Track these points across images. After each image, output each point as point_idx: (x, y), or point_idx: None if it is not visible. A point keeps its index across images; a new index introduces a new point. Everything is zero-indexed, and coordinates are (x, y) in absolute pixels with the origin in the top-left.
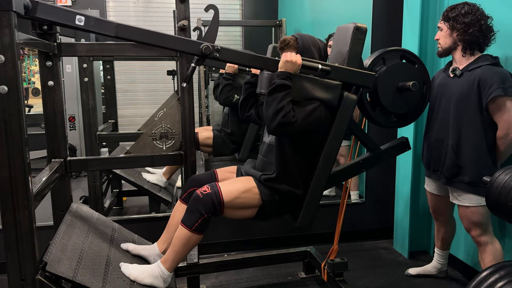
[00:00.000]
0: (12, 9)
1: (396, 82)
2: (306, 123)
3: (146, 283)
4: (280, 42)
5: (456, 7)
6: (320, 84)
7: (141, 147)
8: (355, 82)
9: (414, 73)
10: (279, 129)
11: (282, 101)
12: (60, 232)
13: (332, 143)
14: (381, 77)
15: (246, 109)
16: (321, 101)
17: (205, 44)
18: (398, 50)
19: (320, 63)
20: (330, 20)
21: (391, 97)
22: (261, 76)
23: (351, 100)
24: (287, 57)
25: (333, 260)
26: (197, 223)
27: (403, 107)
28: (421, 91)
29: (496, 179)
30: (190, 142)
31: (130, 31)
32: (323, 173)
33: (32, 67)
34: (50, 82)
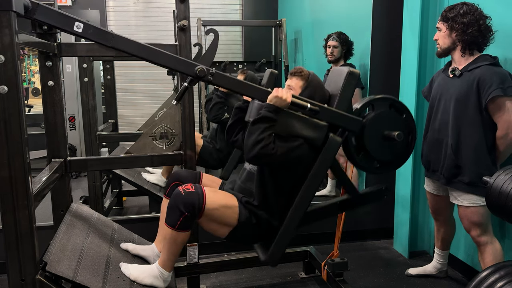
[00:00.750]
0: (12, 9)
1: (382, 130)
2: (286, 159)
3: (146, 283)
4: (294, 68)
5: (454, 7)
6: (307, 123)
7: (141, 147)
8: (342, 125)
9: (400, 122)
10: (256, 159)
11: (264, 133)
12: (60, 232)
13: (311, 181)
14: (368, 123)
15: (234, 134)
16: (306, 139)
17: (200, 67)
18: (387, 99)
19: (310, 102)
20: (330, 20)
21: (376, 144)
22: (252, 104)
23: (336, 142)
24: (278, 92)
25: (333, 260)
26: (179, 222)
27: (387, 154)
28: (405, 141)
29: (496, 179)
30: (190, 142)
31: (127, 44)
32: (299, 209)
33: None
34: (50, 82)
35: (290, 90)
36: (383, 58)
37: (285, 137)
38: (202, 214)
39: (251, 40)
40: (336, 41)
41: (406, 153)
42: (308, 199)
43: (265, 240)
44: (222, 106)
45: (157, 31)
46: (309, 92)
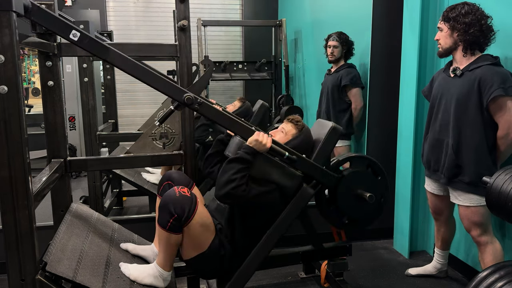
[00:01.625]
0: (12, 9)
1: (356, 188)
2: (256, 202)
3: (146, 283)
4: (294, 116)
5: (456, 7)
6: (282, 170)
7: (141, 147)
8: (317, 178)
9: (375, 184)
10: (226, 197)
11: (238, 174)
12: (60, 232)
13: (277, 227)
14: (343, 179)
15: (211, 165)
16: (279, 185)
17: (188, 94)
18: (365, 158)
19: (289, 150)
20: (330, 20)
21: (347, 201)
22: (233, 139)
23: (308, 193)
24: (259, 136)
25: (333, 260)
26: (169, 224)
27: (356, 212)
28: (377, 203)
29: (496, 179)
30: (190, 142)
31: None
32: (260, 253)
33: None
34: (50, 82)
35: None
36: (383, 58)
37: (259, 181)
38: (188, 223)
39: (251, 40)
40: (336, 41)
41: (375, 214)
42: (271, 244)
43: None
44: (207, 128)
45: (157, 31)
46: (297, 143)
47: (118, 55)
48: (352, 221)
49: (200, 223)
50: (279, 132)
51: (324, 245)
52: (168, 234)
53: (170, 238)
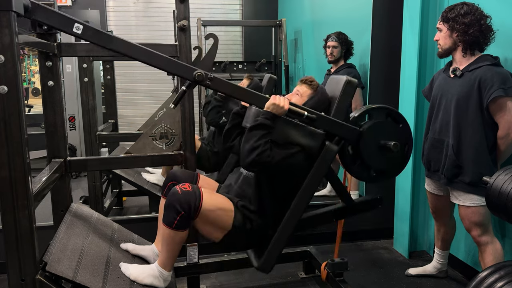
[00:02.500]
0: (12, 9)
1: (378, 139)
2: (282, 166)
3: (146, 283)
4: (306, 76)
5: (455, 7)
6: (303, 131)
7: (141, 147)
8: (339, 134)
9: (397, 132)
10: (252, 165)
11: (260, 140)
12: (60, 232)
13: (306, 189)
14: (364, 132)
15: (230, 139)
16: (302, 147)
17: (198, 71)
18: (384, 108)
19: (307, 110)
20: (330, 20)
21: (372, 153)
22: (249, 110)
23: (332, 150)
24: (275, 99)
25: (333, 260)
26: (176, 221)
27: (383, 164)
28: (402, 151)
29: (496, 179)
30: (190, 142)
31: (127, 47)
32: (293, 218)
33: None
34: (50, 82)
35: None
36: (383, 58)
37: (282, 144)
38: (198, 214)
39: (251, 40)
40: (335, 41)
41: (402, 163)
42: (303, 206)
43: (258, 247)
44: (220, 110)
45: (157, 31)
46: (314, 103)
47: (123, 42)
48: (380, 173)
49: (212, 209)
50: (294, 95)
51: (356, 200)
52: (174, 232)
53: (176, 236)
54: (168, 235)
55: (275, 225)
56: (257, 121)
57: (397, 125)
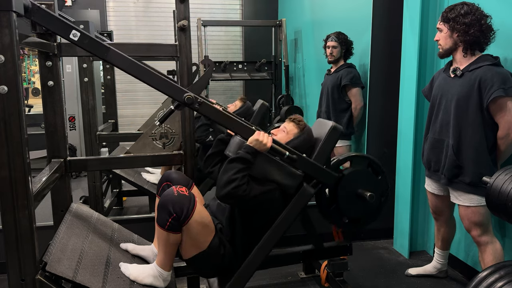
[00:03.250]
0: (12, 9)
1: (356, 187)
2: (256, 202)
3: (146, 283)
4: (296, 115)
5: (455, 7)
6: (283, 169)
7: (141, 147)
8: (317, 178)
9: (375, 183)
10: (227, 198)
11: (238, 173)
12: (60, 232)
13: (278, 227)
14: (343, 179)
15: (211, 164)
16: (279, 185)
17: (188, 94)
18: (366, 158)
19: (289, 150)
20: (330, 20)
21: (348, 200)
22: (234, 139)
23: (309, 193)
24: (259, 136)
25: (333, 260)
26: (168, 223)
27: (357, 212)
28: (377, 202)
29: (496, 179)
30: (190, 142)
31: (122, 60)
32: (261, 253)
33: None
34: (50, 82)
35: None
36: (383, 58)
37: (259, 180)
38: (187, 222)
39: (251, 40)
40: (335, 41)
41: (375, 214)
42: (272, 244)
43: (223, 275)
44: (208, 128)
45: (157, 31)
46: (298, 142)
47: (118, 55)
48: (353, 220)
49: (199, 222)
50: (280, 131)
51: (325, 245)
52: (167, 233)
53: (169, 238)
54: (162, 235)
55: (244, 257)
56: (238, 154)
57: (377, 176)
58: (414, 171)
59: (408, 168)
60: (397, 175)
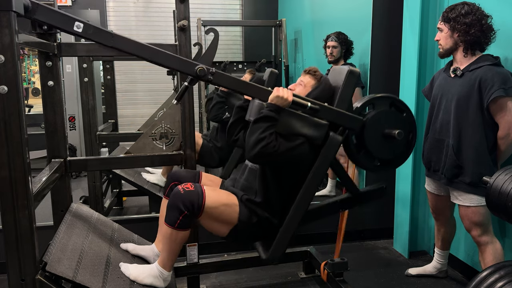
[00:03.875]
0: (12, 9)
1: (382, 128)
2: (287, 157)
3: (146, 283)
4: (310, 67)
5: (455, 7)
6: (307, 121)
7: (141, 147)
8: (342, 124)
9: (401, 121)
10: (258, 158)
11: (265, 132)
12: (60, 232)
13: (312, 179)
14: (368, 122)
15: (235, 133)
16: (306, 137)
17: (200, 66)
18: (388, 97)
19: (310, 101)
20: (330, 20)
21: (376, 142)
22: (252, 103)
23: (336, 141)
24: (279, 92)
25: (333, 260)
26: (178, 221)
27: (387, 153)
28: (406, 140)
29: (496, 179)
30: (190, 142)
31: (127, 44)
32: (300, 208)
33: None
34: (50, 82)
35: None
36: (383, 58)
37: (286, 136)
38: (201, 212)
39: (251, 40)
40: (335, 41)
41: (406, 152)
42: (309, 197)
43: (266, 239)
44: (223, 105)
45: (157, 31)
46: (317, 93)
47: (124, 39)
48: (384, 163)
49: (216, 205)
50: (298, 85)
51: (361, 190)
52: (176, 232)
53: (178, 236)
54: (169, 234)
55: (282, 217)
56: (261, 114)
57: (401, 114)
58: (414, 171)
59: (408, 168)
60: (397, 175)
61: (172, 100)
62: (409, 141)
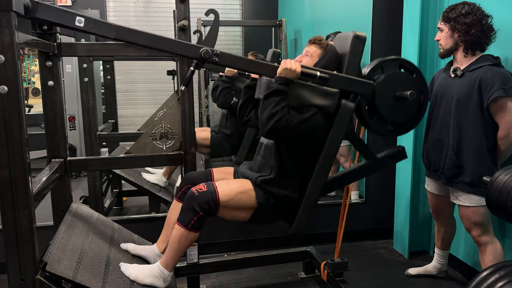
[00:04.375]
0: (12, 9)
1: (393, 91)
2: (302, 129)
3: (146, 283)
4: (314, 36)
5: (456, 7)
6: (318, 91)
7: (141, 147)
8: (353, 90)
9: (411, 82)
10: (272, 133)
11: (277, 106)
12: (60, 232)
13: (329, 149)
14: (379, 86)
15: (246, 113)
16: (319, 108)
17: (204, 48)
18: (396, 60)
19: (319, 70)
20: (330, 20)
21: (388, 106)
22: (260, 81)
23: (349, 108)
24: (286, 64)
25: (333, 260)
26: (192, 221)
27: (400, 116)
28: (418, 101)
29: (496, 179)
30: (190, 142)
31: (130, 34)
32: (319, 179)
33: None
34: (50, 82)
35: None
36: None
37: (298, 108)
38: (218, 208)
39: (251, 40)
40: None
41: (419, 114)
42: (327, 168)
43: (289, 216)
44: (230, 90)
45: (157, 31)
46: (325, 62)
47: (127, 30)
48: (397, 126)
49: (231, 196)
50: (304, 56)
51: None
52: (187, 232)
53: (188, 237)
54: (180, 234)
55: (301, 191)
56: (271, 88)
57: (411, 75)
58: (414, 171)
59: (408, 168)
60: (397, 175)
61: (171, 101)
62: (421, 103)
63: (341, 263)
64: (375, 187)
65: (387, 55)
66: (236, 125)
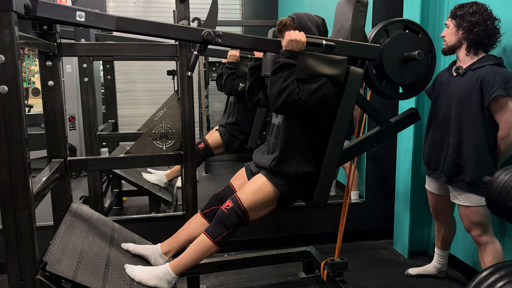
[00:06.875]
0: (12, 9)
1: (401, 52)
2: (313, 101)
3: (151, 284)
4: (277, 25)
5: (464, 5)
6: (325, 60)
7: (141, 147)
8: (360, 56)
9: (418, 42)
10: (284, 107)
11: (287, 80)
12: (60, 232)
13: (341, 118)
14: (385, 48)
15: (254, 94)
16: (328, 77)
17: (206, 31)
18: (401, 21)
19: (324, 39)
20: (330, 20)
21: (397, 68)
22: (265, 58)
23: (358, 74)
24: (291, 35)
25: (333, 260)
26: (221, 236)
27: (409, 77)
28: (426, 60)
29: (496, 179)
30: (190, 142)
31: (131, 23)
32: (335, 149)
33: (32, 67)
34: (50, 82)
35: None
36: None
37: (307, 80)
38: (248, 216)
39: None
40: None
41: (428, 74)
42: (342, 137)
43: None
44: (235, 76)
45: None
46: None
47: (126, 20)
48: (407, 89)
49: (253, 199)
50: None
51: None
52: (212, 245)
53: (211, 249)
54: (204, 244)
55: (317, 164)
56: (279, 63)
57: (417, 35)
58: (414, 171)
59: (408, 168)
60: (397, 175)
61: (171, 101)
62: (429, 63)
63: (341, 263)
64: (375, 187)
65: None
66: (244, 112)
